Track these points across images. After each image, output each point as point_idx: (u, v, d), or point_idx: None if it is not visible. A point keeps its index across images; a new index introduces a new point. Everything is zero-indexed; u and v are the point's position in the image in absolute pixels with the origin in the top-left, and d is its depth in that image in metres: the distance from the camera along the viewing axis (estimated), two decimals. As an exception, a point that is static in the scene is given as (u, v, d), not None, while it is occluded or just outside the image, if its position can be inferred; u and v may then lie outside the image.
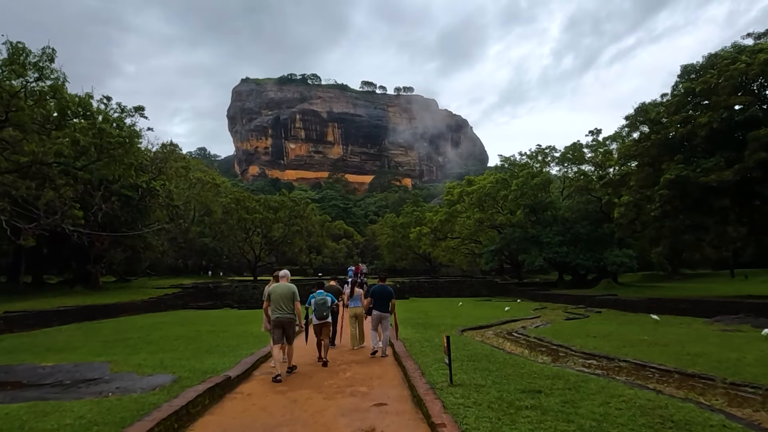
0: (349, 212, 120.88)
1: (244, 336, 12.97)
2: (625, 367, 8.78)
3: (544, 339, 12.65)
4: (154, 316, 21.80)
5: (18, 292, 29.53)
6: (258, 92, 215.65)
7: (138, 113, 34.71)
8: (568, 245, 36.94)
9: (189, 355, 9.70)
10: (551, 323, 17.70)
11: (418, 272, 65.45)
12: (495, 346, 11.68)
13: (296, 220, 45.44)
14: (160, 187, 32.87)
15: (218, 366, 8.09)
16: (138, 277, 40.92)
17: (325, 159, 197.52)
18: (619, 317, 19.05)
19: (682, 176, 20.26)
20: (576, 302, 27.56)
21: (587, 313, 21.98)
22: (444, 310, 23.33)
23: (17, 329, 16.23)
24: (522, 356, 10.03)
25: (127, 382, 7.01)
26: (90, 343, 12.31)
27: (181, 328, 15.76)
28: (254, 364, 7.89)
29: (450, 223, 49.43)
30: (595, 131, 38.72)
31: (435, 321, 17.41)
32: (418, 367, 7.44)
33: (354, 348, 10.75)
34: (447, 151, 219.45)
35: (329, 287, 11.06)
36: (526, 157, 44.08)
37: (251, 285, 37.15)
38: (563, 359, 10.04)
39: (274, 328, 7.59)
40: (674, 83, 25.01)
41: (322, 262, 67.45)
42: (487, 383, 6.64)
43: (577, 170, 38.98)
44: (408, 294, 37.06)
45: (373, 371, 7.77)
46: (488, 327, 16.58)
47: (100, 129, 15.57)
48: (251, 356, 8.67)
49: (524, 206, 39.14)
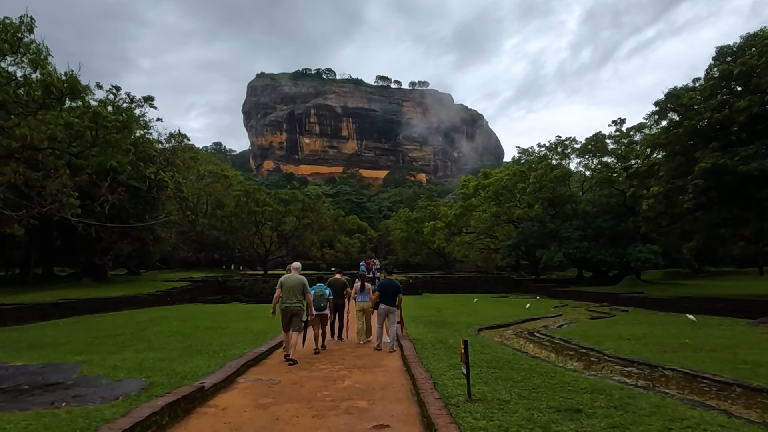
0: (362, 207, 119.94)
1: (242, 333, 12.00)
2: (672, 378, 7.52)
3: (571, 341, 11.40)
4: (157, 310, 21.06)
5: (27, 283, 29.25)
6: (273, 87, 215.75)
7: (147, 103, 34.25)
8: (589, 240, 35.34)
9: (175, 355, 8.73)
10: (575, 323, 16.39)
11: (432, 268, 64.15)
12: (516, 348, 10.48)
13: (307, 213, 44.53)
14: (169, 179, 32.23)
15: (201, 369, 7.09)
16: (148, 270, 40.49)
17: (339, 154, 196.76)
18: (649, 317, 17.63)
19: (719, 165, 18.67)
20: (599, 300, 26.10)
21: (612, 311, 20.58)
22: (459, 307, 22.14)
23: (11, 322, 15.55)
24: (548, 361, 8.82)
25: (89, 389, 6.03)
26: (77, 339, 11.47)
27: (179, 324, 14.89)
28: (239, 368, 6.84)
29: (465, 218, 48.01)
30: (619, 121, 36.91)
31: (449, 319, 16.25)
32: (430, 376, 6.31)
33: (360, 342, 10.58)
34: (462, 146, 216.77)
35: (334, 281, 10.80)
36: (545, 148, 42.39)
37: (261, 279, 36.38)
38: (597, 366, 8.81)
39: (284, 316, 8.17)
40: (708, 66, 23.29)
41: (334, 256, 66.61)
42: (512, 398, 5.48)
43: (598, 162, 37.20)
44: (421, 290, 35.93)
45: (376, 380, 6.66)
46: (507, 326, 15.37)
47: (95, 112, 14.71)
48: (239, 358, 7.64)
49: (543, 200, 37.60)
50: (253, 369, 7.31)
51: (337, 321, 11.13)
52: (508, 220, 42.90)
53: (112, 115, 16.37)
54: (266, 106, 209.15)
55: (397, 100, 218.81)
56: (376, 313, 9.98)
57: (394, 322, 9.79)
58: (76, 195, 17.37)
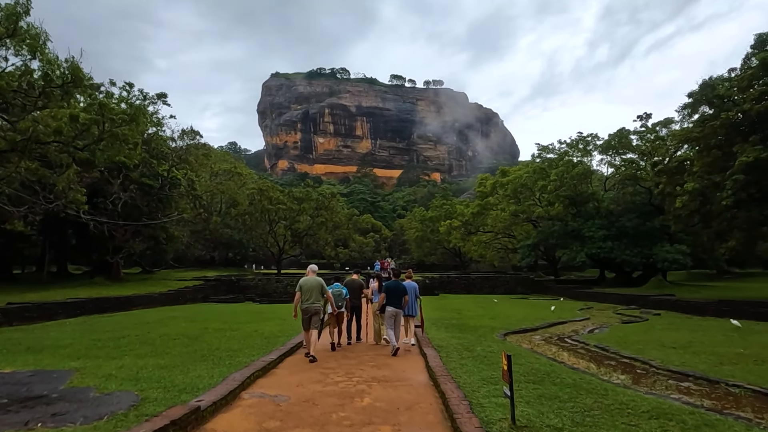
0: (377, 206, 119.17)
1: (252, 337, 11.25)
2: (741, 397, 6.51)
3: (608, 349, 10.39)
4: (167, 310, 20.50)
5: (41, 282, 29.09)
6: (287, 87, 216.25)
7: (160, 100, 33.93)
8: (612, 240, 33.96)
9: (178, 362, 8.00)
10: (607, 327, 15.29)
11: (447, 267, 63.02)
12: (551, 357, 9.52)
13: (321, 211, 43.80)
14: (182, 177, 31.80)
15: (202, 381, 6.31)
16: (161, 269, 40.24)
17: (353, 153, 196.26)
18: (685, 322, 16.43)
19: (761, 159, 17.39)
20: (626, 302, 24.84)
21: (643, 315, 19.37)
22: (479, 309, 21.16)
23: (17, 322, 15.07)
24: (590, 373, 7.86)
25: (73, 405, 5.29)
26: (78, 342, 10.83)
27: (188, 325, 14.23)
28: (244, 381, 6.03)
29: (482, 216, 46.82)
30: (645, 116, 35.44)
31: (471, 322, 15.30)
32: (463, 395, 5.42)
33: (376, 343, 10.35)
34: (477, 145, 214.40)
35: (351, 281, 10.56)
36: (565, 145, 40.99)
37: (275, 278, 35.80)
38: (646, 380, 7.81)
39: (304, 315, 8.52)
40: (745, 55, 21.92)
41: (349, 256, 65.91)
42: (565, 425, 4.58)
43: (623, 159, 35.75)
44: (438, 290, 34.94)
45: (401, 397, 5.79)
46: (533, 330, 14.36)
47: (101, 104, 14.13)
48: (246, 368, 6.83)
49: (564, 198, 36.29)
50: (261, 381, 6.49)
51: (355, 322, 10.74)
52: (527, 219, 41.62)
53: (119, 107, 15.85)
54: (281, 106, 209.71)
55: (411, 99, 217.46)
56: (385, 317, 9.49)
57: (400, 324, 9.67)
58: (84, 191, 16.85)
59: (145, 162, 29.18)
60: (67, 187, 15.27)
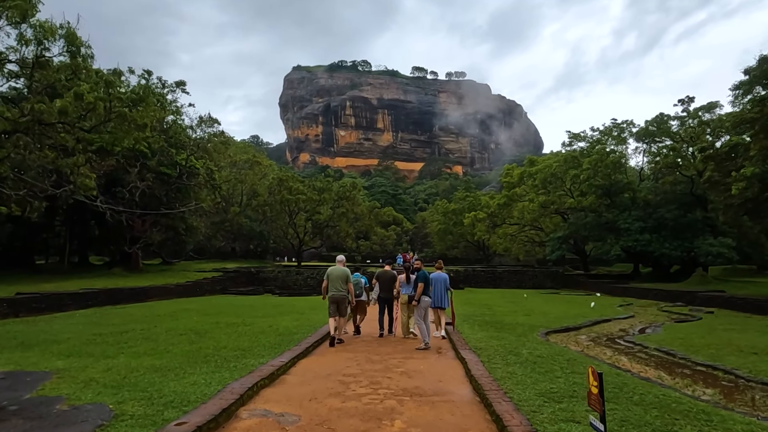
0: (398, 199, 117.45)
1: (265, 333, 10.15)
2: None
3: (675, 353, 8.89)
4: (182, 302, 19.70)
5: (61, 272, 28.88)
6: (309, 80, 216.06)
7: (179, 88, 33.29)
8: (650, 232, 31.86)
9: (175, 364, 6.91)
10: (660, 326, 13.69)
11: (470, 261, 61.36)
12: (608, 362, 8.10)
13: (342, 202, 42.70)
14: (201, 166, 31.10)
15: (196, 390, 5.17)
16: (181, 260, 39.88)
17: (374, 146, 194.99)
18: (747, 321, 14.68)
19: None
20: (670, 299, 22.97)
21: (693, 313, 17.62)
22: (509, 304, 19.70)
23: (24, 313, 14.39)
24: (666, 385, 6.43)
25: (26, 424, 4.19)
26: (77, 337, 9.92)
27: (199, 319, 13.26)
28: (244, 394, 4.82)
29: (508, 208, 45.02)
30: (687, 100, 33.13)
31: (505, 319, 13.91)
32: (527, 420, 4.10)
33: (404, 336, 9.95)
34: (499, 137, 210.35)
35: (383, 273, 10.34)
36: (598, 133, 38.81)
37: (295, 270, 34.93)
38: (740, 395, 6.34)
39: (330, 303, 9.08)
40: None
41: (370, 248, 64.81)
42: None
43: (664, 146, 33.51)
44: (462, 284, 33.49)
45: (442, 419, 4.50)
46: (576, 329, 12.89)
47: (108, 81, 13.22)
48: (250, 375, 5.65)
49: (597, 188, 34.27)
50: (266, 392, 5.29)
51: (386, 315, 10.45)
52: (556, 210, 39.68)
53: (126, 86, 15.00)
54: (302, 99, 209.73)
55: (433, 91, 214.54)
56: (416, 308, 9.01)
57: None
58: (94, 176, 16.07)
59: (162, 150, 28.56)
60: (76, 172, 14.44)
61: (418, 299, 8.80)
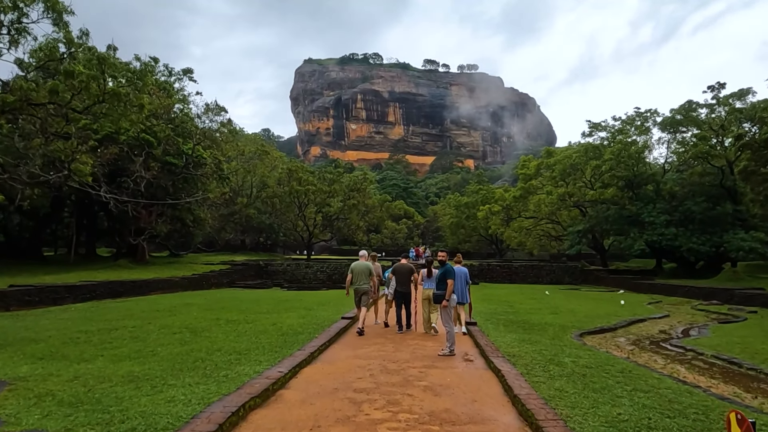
0: (409, 192, 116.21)
1: (267, 332, 9.11)
2: None
3: (741, 362, 7.64)
4: (185, 296, 18.79)
5: (67, 263, 28.26)
6: (320, 73, 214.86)
7: (186, 76, 32.35)
8: (676, 226, 30.23)
9: (157, 371, 5.87)
10: (706, 328, 12.36)
11: (483, 255, 60.00)
12: (662, 371, 6.88)
13: (353, 193, 41.60)
14: (208, 156, 30.18)
15: (170, 411, 4.09)
16: (189, 253, 39.17)
17: (385, 140, 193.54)
18: (800, 323, 13.28)
19: None
20: (701, 296, 21.52)
21: (734, 312, 16.23)
22: (531, 301, 18.45)
23: (15, 306, 13.55)
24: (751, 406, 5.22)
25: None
26: (59, 335, 8.97)
27: (199, 315, 12.28)
28: (224, 424, 3.72)
29: (524, 201, 43.54)
30: (717, 86, 31.29)
31: (531, 318, 12.72)
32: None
33: (425, 332, 9.76)
34: (512, 131, 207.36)
35: (400, 266, 10.16)
36: (620, 122, 37.10)
37: (304, 264, 34.00)
38: None
39: (356, 295, 9.85)
40: None
41: (381, 242, 63.78)
42: None
43: (692, 135, 31.79)
44: (477, 279, 32.26)
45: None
46: (612, 330, 11.66)
47: (100, 58, 12.20)
48: (236, 392, 4.54)
49: (619, 179, 32.69)
50: (256, 416, 4.18)
51: (404, 309, 10.16)
52: (576, 203, 38.13)
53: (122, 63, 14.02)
54: (313, 92, 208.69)
55: (444, 84, 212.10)
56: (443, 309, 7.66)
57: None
58: (90, 162, 15.14)
59: (168, 139, 27.67)
60: (71, 157, 13.50)
61: (448, 298, 7.51)
